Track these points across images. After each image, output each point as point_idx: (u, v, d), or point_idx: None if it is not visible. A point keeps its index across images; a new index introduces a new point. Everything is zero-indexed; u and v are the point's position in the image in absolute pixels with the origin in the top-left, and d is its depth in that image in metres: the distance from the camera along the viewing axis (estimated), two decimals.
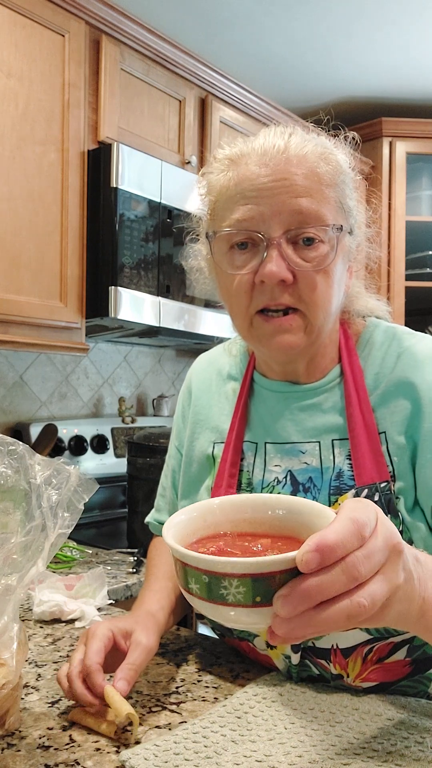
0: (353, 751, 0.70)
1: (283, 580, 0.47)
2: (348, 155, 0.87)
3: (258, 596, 0.47)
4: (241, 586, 0.47)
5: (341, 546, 0.47)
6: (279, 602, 0.47)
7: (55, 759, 0.69)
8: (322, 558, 0.46)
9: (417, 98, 2.98)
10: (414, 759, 0.68)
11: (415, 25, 2.39)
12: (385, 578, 0.50)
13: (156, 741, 0.72)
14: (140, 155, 2.04)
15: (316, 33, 2.43)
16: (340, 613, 0.47)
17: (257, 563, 0.47)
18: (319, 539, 0.46)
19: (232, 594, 0.48)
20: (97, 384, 2.57)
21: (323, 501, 0.86)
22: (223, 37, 2.44)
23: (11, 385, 2.26)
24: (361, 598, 0.47)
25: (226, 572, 0.48)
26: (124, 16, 2.06)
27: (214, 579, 0.48)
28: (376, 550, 0.49)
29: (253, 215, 0.80)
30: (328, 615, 0.47)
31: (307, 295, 0.81)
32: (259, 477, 0.91)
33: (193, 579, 0.50)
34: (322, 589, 0.46)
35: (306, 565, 0.46)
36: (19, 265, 1.82)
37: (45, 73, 1.88)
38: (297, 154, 0.80)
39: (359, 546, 0.48)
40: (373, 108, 3.03)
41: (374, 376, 0.87)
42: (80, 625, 1.11)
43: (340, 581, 0.47)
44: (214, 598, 0.49)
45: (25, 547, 0.69)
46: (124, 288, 1.98)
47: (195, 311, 2.22)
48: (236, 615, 0.49)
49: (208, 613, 0.51)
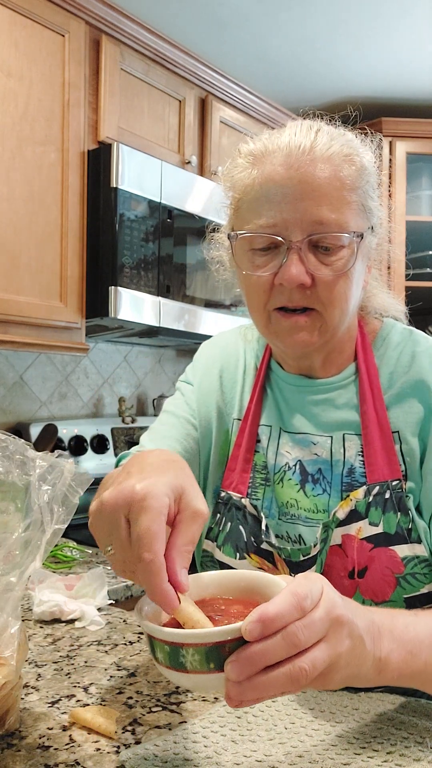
0: (353, 751, 0.70)
1: (233, 648, 0.53)
2: (372, 153, 0.86)
3: (212, 663, 0.53)
4: (196, 654, 0.53)
5: (280, 617, 0.52)
6: (228, 667, 0.52)
7: (55, 759, 0.69)
8: (263, 627, 0.51)
9: (417, 98, 2.98)
10: (414, 759, 0.68)
11: (415, 26, 2.39)
12: (327, 645, 0.54)
13: (156, 741, 0.72)
14: (140, 155, 2.04)
15: (317, 33, 2.43)
16: (283, 676, 0.52)
17: (208, 634, 0.53)
18: (261, 611, 0.51)
19: (190, 662, 0.53)
20: (97, 384, 2.56)
21: (335, 496, 0.87)
22: (223, 37, 2.44)
23: (11, 385, 2.26)
24: (302, 663, 0.52)
25: (183, 642, 0.54)
26: (124, 15, 2.05)
27: (174, 649, 0.54)
28: (316, 619, 0.53)
29: (276, 222, 0.80)
30: (273, 677, 0.52)
31: (326, 297, 0.81)
32: (272, 461, 0.93)
33: (158, 649, 0.56)
34: (264, 654, 0.51)
35: (249, 633, 0.51)
36: (19, 265, 1.82)
37: (45, 73, 1.88)
38: (322, 155, 0.79)
39: (300, 617, 0.53)
40: (373, 108, 3.02)
41: (389, 375, 0.88)
42: (80, 625, 1.11)
43: (280, 647, 0.52)
44: (176, 666, 0.54)
45: (25, 543, 0.69)
46: (124, 288, 1.98)
47: (195, 311, 2.22)
48: (195, 681, 0.54)
49: (173, 679, 0.56)
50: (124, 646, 1.02)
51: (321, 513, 0.88)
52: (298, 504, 0.90)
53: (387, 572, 0.83)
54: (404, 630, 0.65)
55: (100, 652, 1.00)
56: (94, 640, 1.05)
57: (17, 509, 0.71)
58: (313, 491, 0.89)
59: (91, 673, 0.91)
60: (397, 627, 0.65)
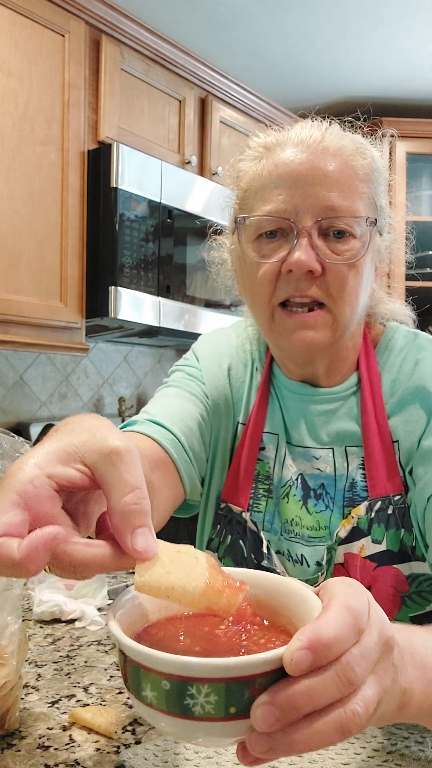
0: (353, 751, 0.70)
1: (264, 685, 0.37)
2: (382, 155, 0.85)
3: (232, 706, 0.37)
4: (213, 693, 0.36)
5: (339, 643, 0.38)
6: (258, 712, 0.37)
7: (55, 759, 0.69)
8: (315, 657, 0.37)
9: (417, 98, 2.98)
10: (414, 759, 0.68)
11: (415, 26, 2.39)
12: (376, 679, 0.41)
13: (156, 741, 0.72)
14: (140, 155, 2.04)
15: (316, 33, 2.43)
16: (331, 726, 0.37)
17: (233, 665, 0.36)
18: (313, 634, 0.37)
19: (201, 704, 0.37)
20: (97, 384, 2.56)
21: (337, 513, 0.84)
22: (223, 37, 2.44)
23: (11, 385, 2.26)
24: (355, 705, 0.38)
25: (194, 676, 0.36)
26: (124, 15, 2.05)
27: (179, 685, 0.37)
28: (372, 646, 0.40)
29: (286, 208, 0.77)
30: (318, 729, 0.37)
31: (336, 289, 0.78)
32: (278, 474, 0.89)
33: (149, 685, 0.38)
34: (312, 696, 0.37)
35: (296, 666, 0.36)
36: (19, 265, 1.82)
37: (45, 73, 1.88)
38: (334, 145, 0.78)
39: (355, 642, 0.39)
40: (373, 108, 3.02)
41: (391, 383, 0.85)
42: (80, 625, 1.11)
43: (333, 686, 0.37)
44: (177, 710, 0.37)
45: None
46: (124, 288, 1.98)
47: (195, 311, 2.22)
48: (204, 731, 0.38)
49: (168, 728, 0.39)
50: None
51: (323, 530, 0.85)
52: (301, 522, 0.87)
53: (392, 591, 0.80)
54: (424, 654, 0.50)
55: (100, 652, 1.00)
56: (94, 640, 1.05)
57: None
58: (315, 507, 0.86)
59: (91, 673, 0.91)
60: (417, 649, 0.49)
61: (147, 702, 0.38)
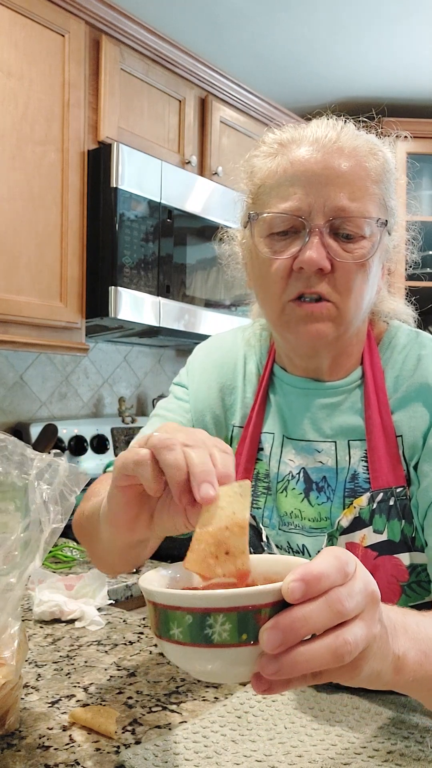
0: (353, 750, 0.70)
1: (269, 614, 0.45)
2: (393, 156, 0.86)
3: (245, 632, 0.45)
4: (228, 622, 0.45)
5: (326, 576, 0.46)
6: (265, 635, 0.45)
7: (55, 759, 0.69)
8: (307, 587, 0.45)
9: (417, 98, 2.98)
10: (414, 759, 0.68)
11: (415, 25, 2.39)
12: (365, 624, 0.48)
13: (156, 741, 0.72)
14: (140, 155, 2.04)
15: (317, 33, 2.43)
16: (326, 649, 0.45)
17: (242, 594, 0.45)
18: (304, 569, 0.46)
19: (218, 632, 0.45)
20: (97, 384, 2.56)
21: (338, 502, 0.86)
22: (223, 37, 2.44)
23: (11, 385, 2.26)
24: (346, 635, 0.46)
25: (211, 607, 0.45)
26: (124, 16, 2.05)
27: (199, 618, 0.45)
28: (357, 591, 0.47)
29: (300, 206, 0.79)
30: (315, 649, 0.45)
31: (343, 285, 0.80)
32: (275, 469, 0.92)
33: (175, 623, 0.47)
34: (307, 621, 0.45)
35: (291, 593, 0.45)
36: (18, 265, 1.82)
37: (45, 73, 1.88)
38: (348, 145, 0.80)
39: (342, 583, 0.47)
40: (373, 108, 3.03)
41: (394, 379, 0.86)
42: (80, 625, 1.11)
43: (325, 613, 0.45)
44: (198, 640, 0.46)
45: (25, 543, 0.69)
46: (124, 288, 1.98)
47: (195, 311, 2.22)
48: (222, 657, 0.46)
49: (189, 661, 0.48)
50: (124, 646, 1.02)
51: (324, 521, 0.87)
52: (301, 514, 0.88)
53: (392, 581, 0.83)
54: (417, 629, 0.59)
55: (100, 652, 1.00)
56: (94, 640, 1.05)
57: (16, 508, 0.71)
58: (317, 499, 0.88)
59: (91, 673, 0.91)
60: (410, 625, 0.59)
61: (174, 639, 0.47)
